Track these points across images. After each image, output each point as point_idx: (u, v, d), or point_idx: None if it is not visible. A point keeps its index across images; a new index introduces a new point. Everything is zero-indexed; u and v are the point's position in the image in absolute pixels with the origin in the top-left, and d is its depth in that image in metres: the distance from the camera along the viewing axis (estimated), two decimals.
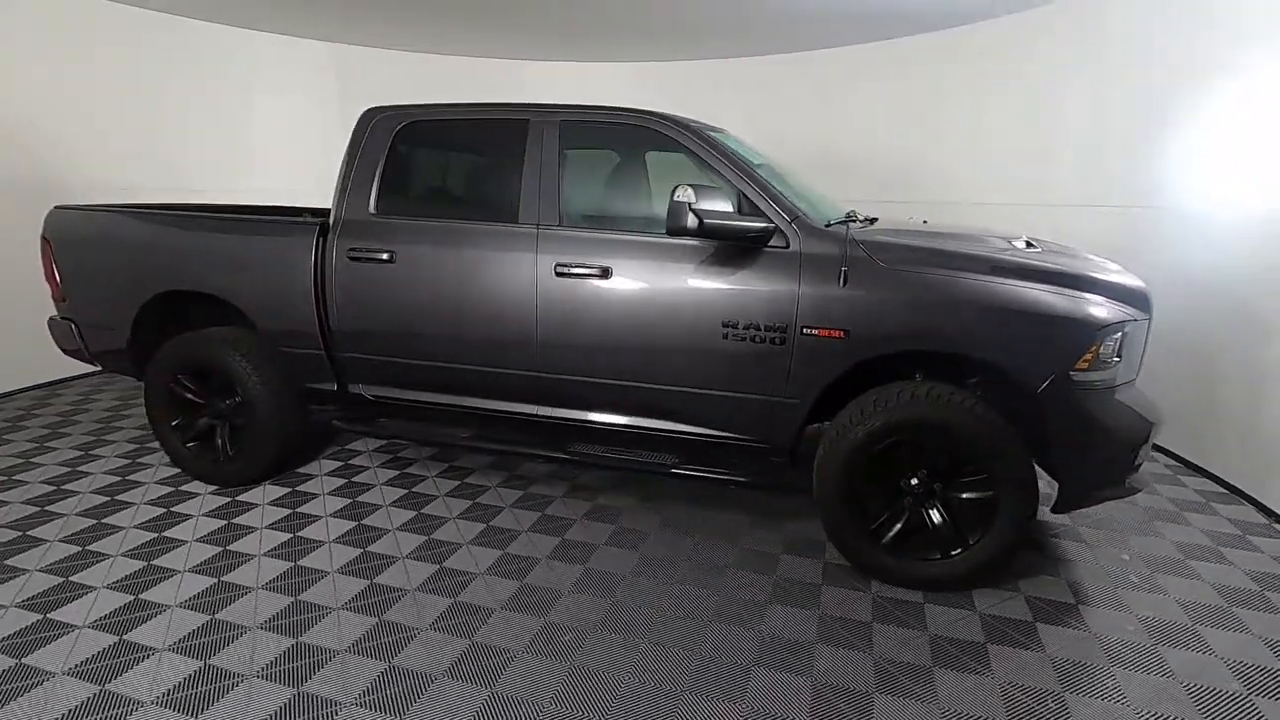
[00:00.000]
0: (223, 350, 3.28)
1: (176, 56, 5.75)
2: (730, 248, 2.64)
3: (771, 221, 2.60)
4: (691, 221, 2.42)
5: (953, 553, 2.61)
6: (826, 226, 2.68)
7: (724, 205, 2.51)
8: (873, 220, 3.13)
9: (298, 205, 4.65)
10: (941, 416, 2.46)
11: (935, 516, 2.63)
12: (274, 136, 6.50)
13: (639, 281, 2.75)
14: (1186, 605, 2.63)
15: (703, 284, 2.68)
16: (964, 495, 2.62)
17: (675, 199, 2.42)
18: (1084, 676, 2.23)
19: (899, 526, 2.66)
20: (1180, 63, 3.99)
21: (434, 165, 3.20)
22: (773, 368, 2.65)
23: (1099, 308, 2.43)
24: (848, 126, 6.33)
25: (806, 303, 2.57)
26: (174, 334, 3.47)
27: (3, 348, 4.91)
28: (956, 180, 5.64)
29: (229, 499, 3.40)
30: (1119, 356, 2.46)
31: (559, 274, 2.81)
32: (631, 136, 3.01)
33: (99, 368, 3.81)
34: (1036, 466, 2.58)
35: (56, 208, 3.62)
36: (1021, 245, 2.82)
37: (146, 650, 2.29)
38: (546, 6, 5.23)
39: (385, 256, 3.00)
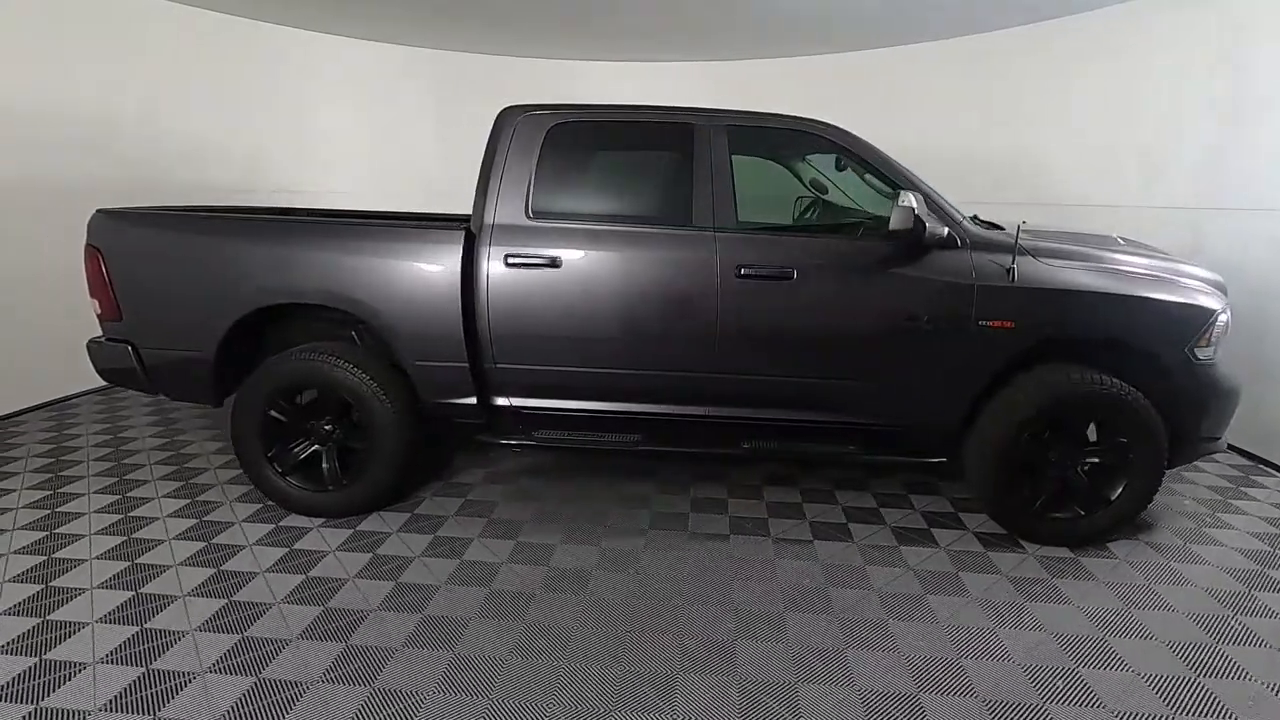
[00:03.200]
0: (342, 367, 2.99)
1: (249, 58, 5.83)
2: (908, 247, 2.84)
3: (945, 224, 2.84)
4: (917, 226, 2.61)
5: (1095, 511, 3.00)
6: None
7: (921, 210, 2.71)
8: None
9: (388, 210, 4.44)
10: (1103, 394, 2.83)
11: (1078, 481, 3.02)
12: (346, 138, 6.62)
13: (822, 280, 2.88)
14: (1260, 535, 3.22)
15: (885, 282, 2.86)
16: (1099, 460, 3.02)
17: (901, 204, 2.59)
18: (1237, 599, 2.68)
19: (1050, 492, 3.02)
20: None
21: (590, 168, 3.10)
22: (951, 358, 2.89)
23: (1210, 297, 2.92)
24: (925, 125, 6.10)
25: (981, 297, 2.83)
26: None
27: None
28: (1045, 181, 5.43)
29: (349, 529, 3.11)
30: (1220, 336, 2.96)
31: (742, 275, 2.87)
32: (799, 142, 3.12)
33: (156, 394, 3.29)
34: None
35: (101, 212, 3.10)
36: (1120, 243, 3.28)
37: (414, 696, 2.10)
38: (617, 10, 5.21)
39: (549, 262, 2.90)
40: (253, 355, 3.26)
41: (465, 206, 4.41)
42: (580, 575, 2.79)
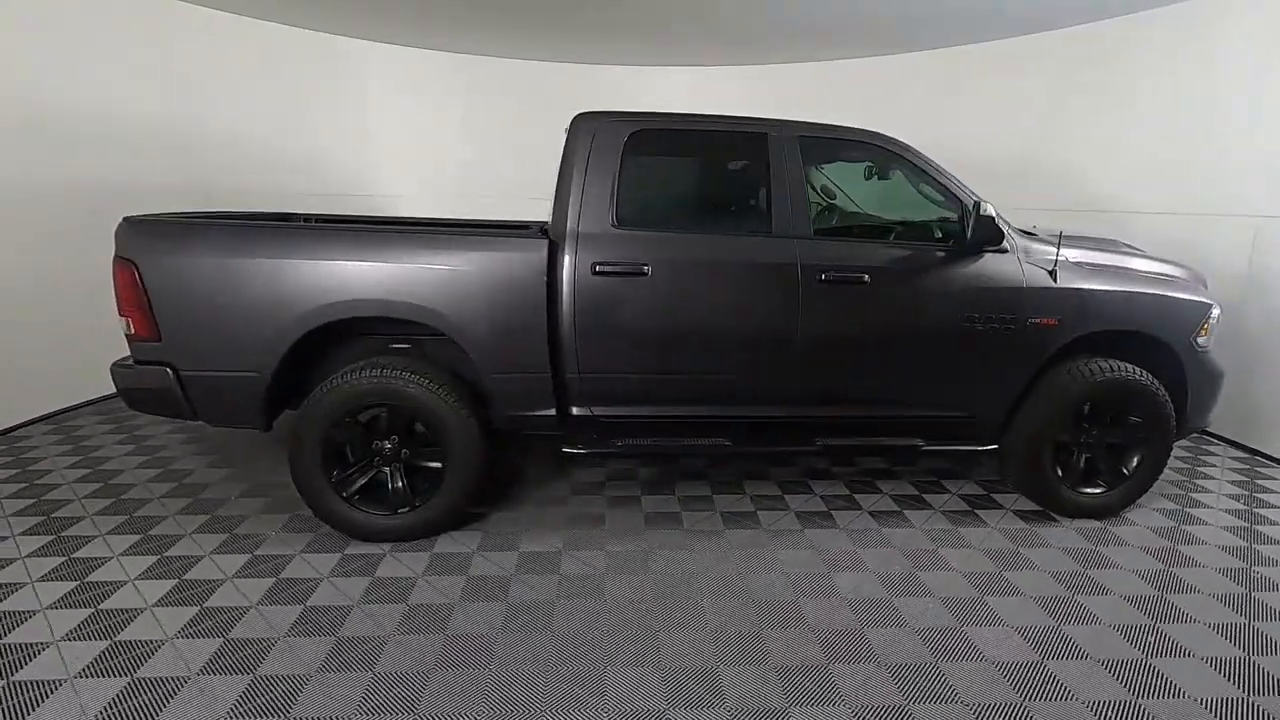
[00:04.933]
0: (417, 383, 2.85)
1: (324, 71, 6.16)
2: (966, 251, 3.08)
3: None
4: (996, 234, 2.83)
5: (1118, 485, 3.38)
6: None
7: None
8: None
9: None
10: (1132, 381, 3.18)
11: (1103, 459, 3.38)
12: (391, 143, 6.72)
13: (895, 284, 3.05)
14: (1233, 496, 3.73)
15: (950, 284, 3.08)
16: (1117, 440, 3.39)
17: (983, 214, 2.80)
18: (1245, 553, 3.11)
19: (1078, 469, 3.36)
20: None
21: (670, 176, 3.11)
22: (1005, 353, 3.14)
23: (1205, 293, 3.36)
24: (956, 129, 5.96)
25: (1029, 297, 3.11)
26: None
27: None
28: (1075, 185, 5.34)
29: (425, 553, 2.97)
30: (1214, 326, 3.41)
31: (823, 281, 2.99)
32: (864, 153, 3.26)
33: (195, 420, 2.97)
34: None
35: (129, 220, 2.78)
36: (1124, 245, 3.69)
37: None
38: (654, 11, 5.14)
39: (638, 270, 2.90)
40: (303, 374, 3.05)
41: (497, 211, 4.29)
42: (686, 579, 2.82)
